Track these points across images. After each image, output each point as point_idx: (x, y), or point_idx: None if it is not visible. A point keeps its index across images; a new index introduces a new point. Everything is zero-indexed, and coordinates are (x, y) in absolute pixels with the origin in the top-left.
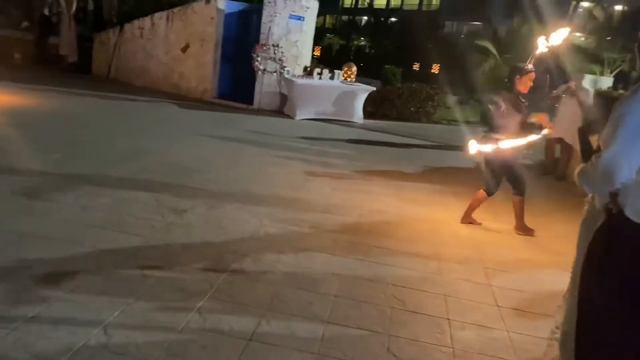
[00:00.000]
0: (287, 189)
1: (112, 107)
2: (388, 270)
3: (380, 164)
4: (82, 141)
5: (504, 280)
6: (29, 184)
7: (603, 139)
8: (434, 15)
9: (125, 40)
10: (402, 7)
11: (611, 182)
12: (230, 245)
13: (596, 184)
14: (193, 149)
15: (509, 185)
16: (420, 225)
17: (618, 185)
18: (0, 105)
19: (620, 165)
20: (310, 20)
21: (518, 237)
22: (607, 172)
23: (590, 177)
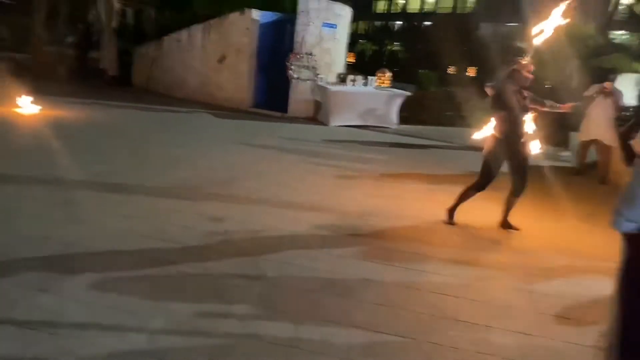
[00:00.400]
0: (322, 195)
1: (152, 118)
2: (425, 277)
3: (415, 168)
4: (123, 152)
5: (545, 287)
6: (72, 193)
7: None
8: (468, 17)
9: (164, 53)
10: (436, 10)
11: None
12: (268, 252)
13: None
14: (230, 157)
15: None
16: (457, 231)
17: None
18: (45, 118)
19: None
20: (343, 28)
21: (559, 243)
22: None
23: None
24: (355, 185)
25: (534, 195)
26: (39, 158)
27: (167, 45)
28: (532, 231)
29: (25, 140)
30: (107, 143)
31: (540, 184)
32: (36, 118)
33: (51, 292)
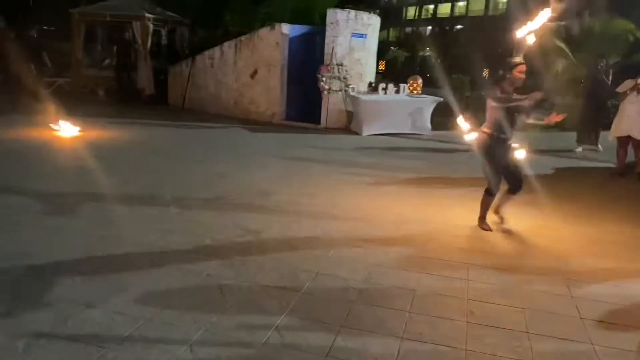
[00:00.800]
0: (357, 205)
1: (188, 135)
2: (463, 284)
3: (450, 174)
4: (162, 169)
5: (586, 291)
6: (114, 211)
7: None
8: (501, 19)
9: (198, 71)
10: (467, 14)
11: None
12: (304, 263)
13: None
14: (265, 170)
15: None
16: (495, 237)
17: None
18: (85, 139)
19: None
20: (372, 37)
21: (599, 247)
22: None
23: None
24: (390, 193)
25: (572, 199)
26: (81, 177)
27: (200, 63)
28: (570, 235)
29: (66, 160)
30: (146, 161)
31: (579, 187)
32: (76, 139)
33: (98, 307)
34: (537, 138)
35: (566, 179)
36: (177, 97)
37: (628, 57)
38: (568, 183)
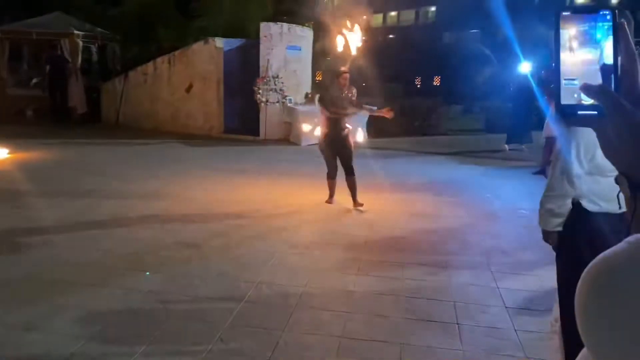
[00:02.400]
0: (295, 213)
1: (123, 152)
2: (399, 284)
3: (388, 179)
4: (97, 189)
5: (510, 282)
6: (51, 234)
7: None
8: (431, 28)
9: (131, 87)
10: (398, 23)
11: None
12: (246, 274)
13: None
14: (205, 184)
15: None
16: (428, 237)
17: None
18: (16, 161)
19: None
20: (307, 49)
21: (526, 242)
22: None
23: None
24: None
25: (497, 195)
26: (13, 200)
27: (133, 79)
28: (499, 229)
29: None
30: (80, 180)
31: (502, 183)
32: (5, 162)
33: (38, 330)
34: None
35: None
36: (110, 114)
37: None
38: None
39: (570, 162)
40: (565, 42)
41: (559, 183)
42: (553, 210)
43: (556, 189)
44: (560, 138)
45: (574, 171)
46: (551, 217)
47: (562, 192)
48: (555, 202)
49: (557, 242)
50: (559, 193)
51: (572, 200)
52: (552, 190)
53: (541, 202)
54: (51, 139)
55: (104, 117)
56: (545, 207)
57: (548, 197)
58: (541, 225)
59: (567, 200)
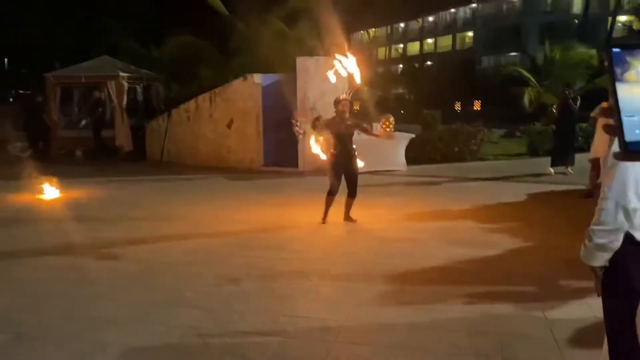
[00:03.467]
0: (335, 244)
1: (167, 188)
2: (441, 316)
3: (428, 207)
4: (139, 225)
5: (559, 312)
6: (95, 272)
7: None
8: (469, 53)
9: (174, 125)
10: (436, 50)
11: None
12: (286, 308)
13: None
14: (246, 217)
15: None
16: (471, 266)
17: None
18: (66, 200)
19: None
20: (343, 81)
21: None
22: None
23: None
24: (368, 230)
25: (544, 222)
26: (60, 239)
27: (176, 117)
28: (545, 258)
29: (47, 222)
30: (122, 217)
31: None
32: (57, 202)
33: None
34: (509, 165)
35: (539, 203)
36: (155, 151)
37: (590, 82)
38: (541, 207)
39: (627, 195)
40: (620, 78)
41: (613, 217)
42: (604, 245)
43: (609, 223)
44: (616, 170)
45: (631, 204)
46: (600, 252)
47: (616, 227)
48: (607, 237)
49: (604, 276)
50: (613, 227)
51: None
52: (604, 225)
53: (589, 237)
54: (99, 177)
55: (149, 154)
56: (595, 242)
57: (599, 231)
58: (585, 260)
59: (621, 234)
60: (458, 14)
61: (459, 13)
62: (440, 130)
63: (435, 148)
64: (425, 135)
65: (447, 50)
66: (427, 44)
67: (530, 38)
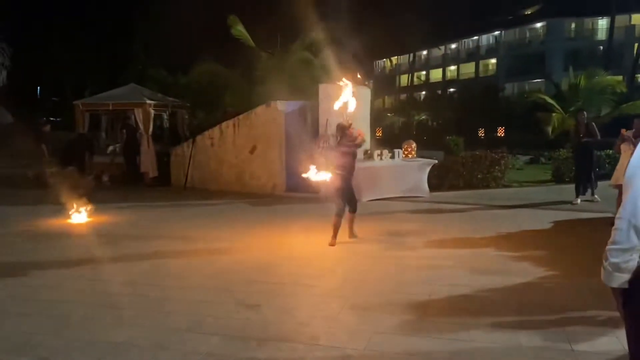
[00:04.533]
0: (356, 271)
1: (190, 213)
2: (464, 346)
3: (450, 234)
4: (162, 249)
5: (587, 345)
6: (119, 296)
7: None
8: (491, 80)
9: (198, 151)
10: (458, 77)
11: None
12: (305, 336)
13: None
14: (267, 242)
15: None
16: (494, 295)
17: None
18: (93, 225)
19: None
20: (365, 107)
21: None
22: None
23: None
24: (391, 257)
25: (570, 250)
26: (85, 263)
27: (200, 143)
28: (571, 287)
29: (74, 249)
30: (146, 242)
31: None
32: (86, 226)
33: None
34: (534, 192)
35: (564, 232)
36: (179, 177)
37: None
38: (566, 235)
39: (638, 214)
40: None
41: (626, 236)
42: (618, 265)
43: (622, 242)
44: (630, 190)
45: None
46: (616, 272)
47: (629, 246)
48: (620, 256)
49: (624, 300)
50: (625, 247)
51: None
52: (617, 244)
53: (606, 256)
54: (125, 202)
55: (174, 180)
56: (610, 261)
57: (612, 250)
58: (605, 281)
59: (635, 254)
60: (481, 41)
61: (481, 40)
62: (463, 156)
63: (458, 174)
64: (448, 162)
65: (470, 77)
66: (449, 71)
67: (554, 65)
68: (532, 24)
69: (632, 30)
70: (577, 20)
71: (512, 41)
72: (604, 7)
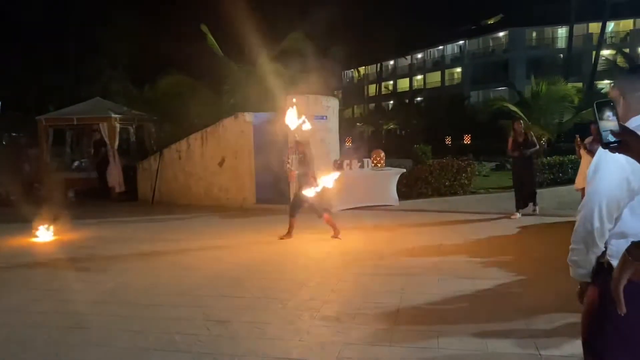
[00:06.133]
0: (329, 281)
1: (157, 228)
2: (434, 354)
3: (420, 242)
4: (129, 267)
5: (555, 349)
6: (85, 315)
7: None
8: (457, 88)
9: (166, 165)
10: (425, 86)
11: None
12: (276, 350)
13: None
14: (237, 256)
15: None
16: (463, 302)
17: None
18: (59, 242)
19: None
20: (333, 118)
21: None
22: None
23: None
24: (362, 265)
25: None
26: (49, 283)
27: (168, 157)
28: (537, 292)
29: (38, 268)
30: (114, 259)
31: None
32: (51, 244)
33: None
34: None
35: (531, 237)
36: (147, 192)
37: (576, 115)
38: (532, 240)
39: (592, 218)
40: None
41: (579, 237)
42: (577, 262)
43: (579, 242)
44: (587, 192)
45: (594, 227)
46: (577, 269)
47: (584, 247)
48: (578, 255)
49: (582, 293)
50: (581, 247)
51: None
52: (575, 243)
53: (569, 252)
54: (91, 218)
55: (141, 194)
56: (570, 258)
57: (572, 249)
58: (571, 274)
59: (591, 255)
60: (446, 51)
61: (446, 50)
62: (430, 164)
63: (426, 182)
64: (416, 170)
65: (437, 86)
66: (416, 80)
67: (517, 73)
68: (495, 33)
69: (590, 39)
70: (538, 29)
71: (476, 50)
72: (563, 17)
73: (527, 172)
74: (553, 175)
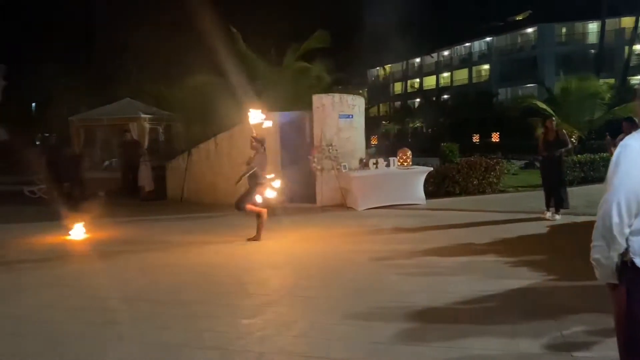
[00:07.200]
0: (354, 280)
1: (185, 227)
2: (465, 354)
3: (447, 241)
4: (156, 264)
5: (587, 350)
6: (115, 312)
7: None
8: (485, 85)
9: (194, 164)
10: (452, 84)
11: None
12: (302, 348)
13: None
14: (264, 254)
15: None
16: (493, 301)
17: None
18: (91, 241)
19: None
20: (359, 116)
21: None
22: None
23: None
24: (389, 265)
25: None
26: (80, 281)
27: (196, 156)
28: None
29: (73, 266)
30: (143, 256)
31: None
32: (83, 242)
33: None
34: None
35: (561, 236)
36: (175, 191)
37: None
38: (563, 239)
39: (611, 213)
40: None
41: (599, 233)
42: (599, 260)
43: (599, 238)
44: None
45: (613, 223)
46: (600, 268)
47: (604, 244)
48: (600, 253)
49: (611, 293)
50: (602, 244)
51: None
52: (596, 240)
53: (591, 251)
54: (121, 217)
55: (170, 193)
56: (593, 257)
57: (593, 247)
58: (596, 276)
59: (612, 253)
60: (473, 48)
61: (474, 47)
62: (458, 162)
63: (454, 181)
64: (443, 169)
65: (464, 83)
66: (443, 77)
67: (546, 69)
68: (523, 29)
69: (622, 33)
70: (568, 24)
71: (504, 47)
72: (594, 11)
73: (556, 173)
74: (584, 174)
